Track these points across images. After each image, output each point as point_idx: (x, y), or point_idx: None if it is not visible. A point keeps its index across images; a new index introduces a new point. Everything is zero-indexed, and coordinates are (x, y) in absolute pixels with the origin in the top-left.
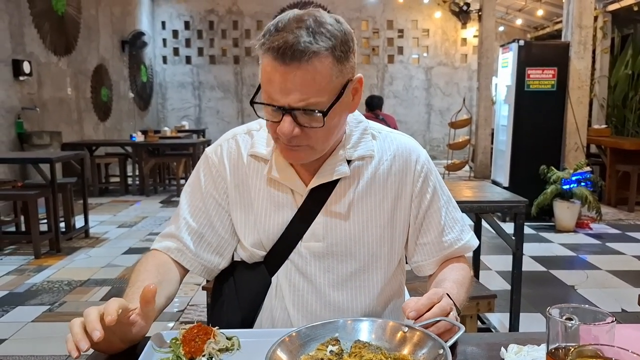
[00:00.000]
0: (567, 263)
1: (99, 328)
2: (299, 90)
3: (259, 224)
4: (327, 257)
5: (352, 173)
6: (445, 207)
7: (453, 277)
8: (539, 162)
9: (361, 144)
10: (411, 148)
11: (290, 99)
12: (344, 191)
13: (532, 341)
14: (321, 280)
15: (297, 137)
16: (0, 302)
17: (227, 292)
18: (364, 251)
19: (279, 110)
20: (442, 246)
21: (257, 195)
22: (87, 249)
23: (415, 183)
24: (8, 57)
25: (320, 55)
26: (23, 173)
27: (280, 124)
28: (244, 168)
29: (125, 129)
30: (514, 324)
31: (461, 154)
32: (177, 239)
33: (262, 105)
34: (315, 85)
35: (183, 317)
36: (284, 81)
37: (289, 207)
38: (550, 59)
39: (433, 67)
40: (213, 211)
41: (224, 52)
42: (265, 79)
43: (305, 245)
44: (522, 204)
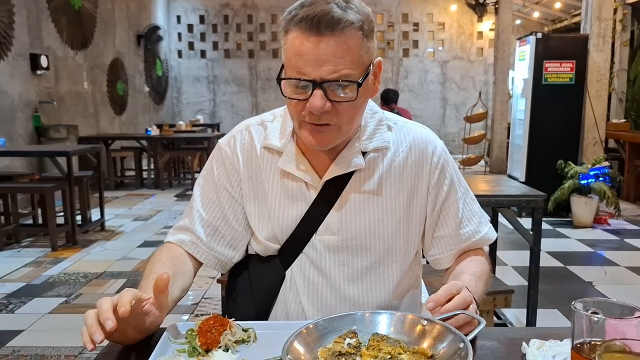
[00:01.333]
0: (585, 259)
1: (111, 318)
2: (332, 60)
3: (272, 217)
4: (342, 251)
5: (367, 165)
6: (463, 199)
7: (471, 270)
8: (556, 156)
9: (376, 135)
10: (428, 139)
11: (323, 71)
12: (359, 183)
13: (554, 336)
14: (336, 274)
15: (327, 114)
16: (17, 294)
17: (241, 285)
18: (379, 244)
19: (309, 84)
20: (460, 239)
21: (271, 187)
22: (103, 242)
23: (432, 175)
24: (26, 51)
25: (353, 27)
26: (40, 166)
27: (311, 99)
28: (257, 160)
29: (141, 122)
30: (531, 320)
31: (476, 148)
32: (191, 232)
33: (288, 84)
34: (349, 56)
35: (197, 310)
36: (317, 52)
37: (303, 200)
38: (568, 52)
39: (448, 60)
40: (226, 204)
41: (238, 46)
42: (293, 53)
43: (319, 238)
44: (541, 198)
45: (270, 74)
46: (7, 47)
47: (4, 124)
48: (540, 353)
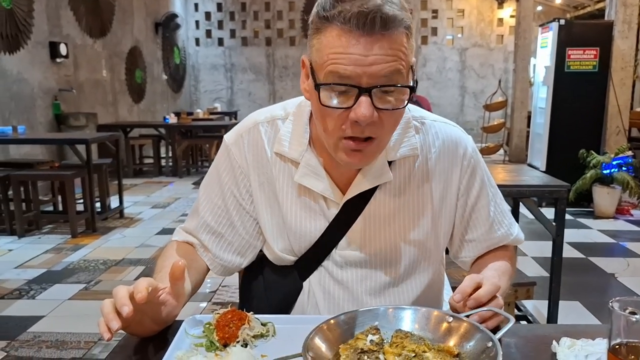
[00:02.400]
0: (607, 250)
1: (128, 304)
2: (383, 62)
3: (289, 230)
4: (364, 266)
5: (394, 176)
6: (494, 201)
7: (494, 266)
8: (578, 145)
9: (404, 141)
10: (457, 140)
11: (373, 70)
12: (385, 197)
13: (585, 334)
14: (358, 288)
15: (372, 125)
16: (38, 280)
17: (256, 291)
18: (405, 259)
19: (353, 90)
20: (492, 242)
21: (285, 199)
22: (121, 229)
23: (462, 179)
24: (45, 39)
25: (402, 26)
26: (60, 153)
27: (356, 108)
28: (268, 165)
29: (159, 110)
30: (552, 312)
31: (495, 137)
32: (196, 239)
33: (324, 90)
34: (401, 56)
35: (215, 298)
36: (368, 54)
37: (322, 215)
38: (592, 38)
39: (468, 48)
40: (234, 211)
41: (255, 34)
42: (334, 52)
43: (340, 253)
44: (564, 188)
45: (288, 62)
46: (26, 35)
47: (24, 111)
48: (572, 352)
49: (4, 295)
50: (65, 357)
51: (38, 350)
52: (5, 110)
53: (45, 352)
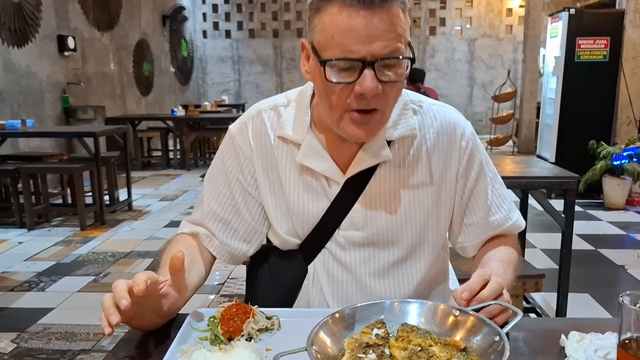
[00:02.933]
0: (617, 242)
1: (126, 297)
2: (384, 35)
3: (292, 212)
4: (367, 246)
5: (393, 155)
6: (492, 185)
7: (499, 257)
8: (588, 136)
9: (401, 121)
10: (456, 122)
11: (375, 47)
12: (385, 176)
13: (595, 328)
14: (361, 270)
15: (376, 97)
16: (48, 272)
17: (261, 278)
18: (407, 239)
19: (357, 64)
20: (490, 227)
21: (288, 181)
22: (130, 222)
23: (461, 160)
24: (53, 33)
25: (399, 2)
26: (69, 147)
27: (361, 80)
28: (271, 150)
29: (167, 103)
30: (561, 305)
31: (504, 128)
32: (203, 227)
33: (329, 66)
34: (399, 29)
35: (223, 290)
36: (369, 27)
37: (324, 196)
38: (602, 28)
39: (476, 38)
40: (239, 197)
41: (263, 26)
42: (337, 30)
43: (343, 234)
44: (574, 180)
45: (295, 54)
46: (34, 28)
47: (33, 105)
48: (580, 347)
49: (14, 288)
50: (75, 348)
51: (48, 342)
52: (15, 103)
53: (54, 343)
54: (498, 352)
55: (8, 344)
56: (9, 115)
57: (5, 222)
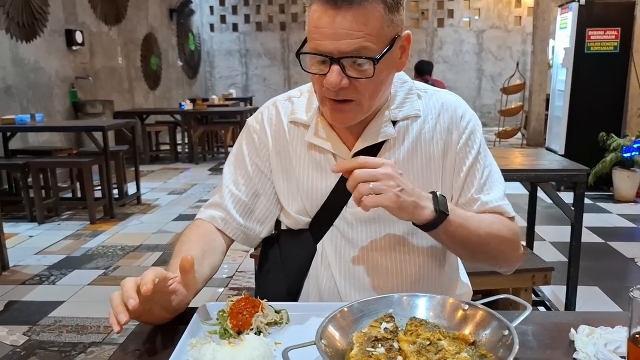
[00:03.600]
0: (627, 234)
1: (133, 296)
2: (349, 34)
3: (302, 190)
4: (373, 223)
5: (398, 134)
6: (488, 168)
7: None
8: (598, 128)
9: (406, 103)
10: (457, 104)
11: (340, 44)
12: (390, 153)
13: (604, 322)
14: (368, 246)
15: (345, 89)
16: (58, 266)
17: (273, 260)
18: None
19: (327, 59)
20: (479, 204)
21: (298, 161)
22: (139, 215)
23: (459, 139)
24: (61, 27)
25: (374, 0)
26: (78, 141)
27: (328, 75)
28: (284, 135)
29: (175, 97)
30: (570, 298)
31: (513, 120)
32: (222, 208)
33: (308, 58)
34: (367, 29)
35: (232, 283)
36: (334, 25)
37: (331, 173)
38: (613, 19)
39: (485, 30)
40: (257, 179)
41: (270, 19)
42: (312, 26)
43: (350, 210)
44: (584, 172)
45: None
46: (42, 23)
47: (42, 99)
48: (590, 340)
49: (25, 281)
50: (85, 341)
51: (59, 335)
52: (24, 98)
53: (65, 336)
54: (507, 346)
55: (20, 336)
56: (18, 109)
57: (15, 216)
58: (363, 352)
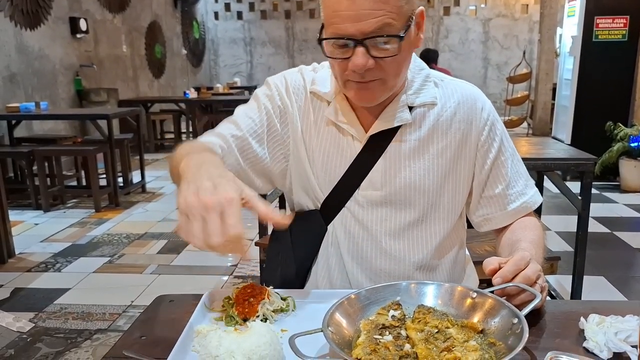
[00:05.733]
0: (633, 225)
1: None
2: (371, 13)
3: (317, 166)
4: (385, 206)
5: (414, 120)
6: (511, 159)
7: (529, 238)
8: (605, 118)
9: (423, 90)
10: (476, 96)
11: (363, 25)
12: (405, 138)
13: (614, 311)
14: (378, 229)
15: (371, 70)
16: (64, 253)
17: (282, 241)
18: (423, 200)
19: (350, 42)
20: (509, 199)
21: (317, 135)
22: (144, 204)
23: (481, 132)
24: (65, 15)
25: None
26: (82, 129)
27: (353, 58)
28: (307, 103)
29: (179, 85)
30: (576, 288)
31: (519, 110)
32: (222, 137)
33: (329, 42)
34: (388, 7)
35: (236, 271)
36: (354, 6)
37: (347, 152)
38: (622, 7)
39: (491, 18)
40: (266, 130)
41: (275, 7)
42: (331, 10)
43: (362, 193)
44: (591, 162)
45: (307, 35)
46: (47, 10)
47: (46, 87)
48: (600, 330)
49: (31, 268)
50: (91, 328)
51: (64, 322)
52: (28, 86)
53: (71, 323)
54: (517, 334)
55: (26, 323)
56: (23, 97)
57: (21, 204)
58: (370, 339)
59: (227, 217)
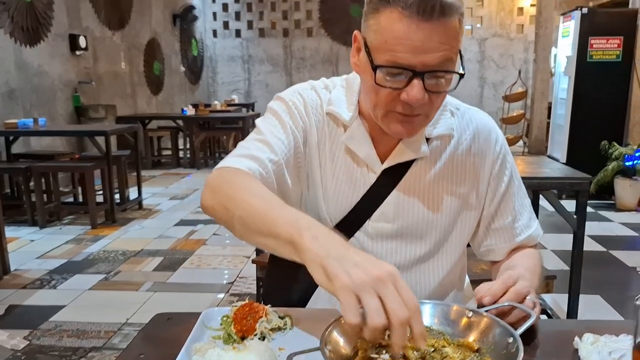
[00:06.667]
0: (629, 243)
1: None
2: (438, 47)
3: (329, 193)
4: (395, 239)
5: (430, 152)
6: (518, 192)
7: (524, 264)
8: (600, 137)
9: (440, 120)
10: (491, 127)
11: (427, 58)
12: (420, 171)
13: (609, 330)
14: (386, 261)
15: (422, 105)
16: (59, 270)
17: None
18: (435, 235)
19: (406, 73)
20: (515, 232)
21: (332, 161)
22: (140, 220)
23: (494, 165)
24: (65, 32)
25: (458, 13)
26: (80, 145)
27: (409, 89)
28: (323, 124)
29: (177, 102)
30: (572, 307)
31: (515, 128)
32: (260, 163)
33: (382, 70)
34: (452, 42)
35: (232, 289)
36: (424, 39)
37: (361, 183)
38: (615, 27)
39: (487, 38)
40: (292, 151)
41: (273, 25)
42: (392, 37)
43: (373, 225)
44: (585, 180)
45: (305, 53)
46: (46, 28)
47: (45, 104)
48: (594, 349)
49: (26, 285)
50: (86, 346)
51: (59, 340)
52: (27, 102)
53: (66, 341)
54: (512, 353)
55: (21, 340)
56: (21, 114)
57: (17, 220)
58: (367, 358)
59: (400, 289)
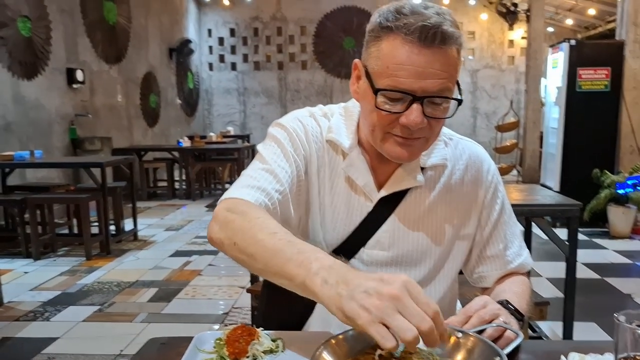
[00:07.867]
0: (623, 270)
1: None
2: (437, 74)
3: (326, 220)
4: (390, 266)
5: (425, 182)
6: (509, 220)
7: (513, 289)
8: (592, 165)
9: (434, 150)
10: (483, 157)
11: (427, 83)
12: (415, 200)
13: (594, 349)
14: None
15: (421, 128)
16: (53, 302)
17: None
18: (429, 263)
19: (406, 97)
20: (506, 259)
21: (330, 189)
22: (135, 251)
23: (486, 194)
24: (63, 66)
25: (457, 43)
26: (76, 177)
27: (407, 113)
28: (322, 152)
29: (173, 134)
30: (567, 333)
31: (508, 158)
32: (267, 195)
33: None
34: (451, 70)
35: (227, 319)
36: (425, 65)
37: (358, 212)
38: (603, 58)
39: (479, 69)
40: (295, 180)
41: (268, 58)
42: (394, 62)
43: (368, 252)
44: (576, 207)
45: (299, 85)
46: (44, 62)
47: (41, 136)
48: None
49: (19, 317)
50: None
51: None
52: (23, 135)
53: None
54: None
55: None
56: (17, 146)
57: (11, 252)
58: None
59: (416, 298)
